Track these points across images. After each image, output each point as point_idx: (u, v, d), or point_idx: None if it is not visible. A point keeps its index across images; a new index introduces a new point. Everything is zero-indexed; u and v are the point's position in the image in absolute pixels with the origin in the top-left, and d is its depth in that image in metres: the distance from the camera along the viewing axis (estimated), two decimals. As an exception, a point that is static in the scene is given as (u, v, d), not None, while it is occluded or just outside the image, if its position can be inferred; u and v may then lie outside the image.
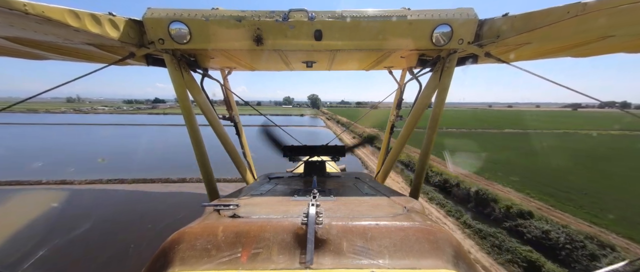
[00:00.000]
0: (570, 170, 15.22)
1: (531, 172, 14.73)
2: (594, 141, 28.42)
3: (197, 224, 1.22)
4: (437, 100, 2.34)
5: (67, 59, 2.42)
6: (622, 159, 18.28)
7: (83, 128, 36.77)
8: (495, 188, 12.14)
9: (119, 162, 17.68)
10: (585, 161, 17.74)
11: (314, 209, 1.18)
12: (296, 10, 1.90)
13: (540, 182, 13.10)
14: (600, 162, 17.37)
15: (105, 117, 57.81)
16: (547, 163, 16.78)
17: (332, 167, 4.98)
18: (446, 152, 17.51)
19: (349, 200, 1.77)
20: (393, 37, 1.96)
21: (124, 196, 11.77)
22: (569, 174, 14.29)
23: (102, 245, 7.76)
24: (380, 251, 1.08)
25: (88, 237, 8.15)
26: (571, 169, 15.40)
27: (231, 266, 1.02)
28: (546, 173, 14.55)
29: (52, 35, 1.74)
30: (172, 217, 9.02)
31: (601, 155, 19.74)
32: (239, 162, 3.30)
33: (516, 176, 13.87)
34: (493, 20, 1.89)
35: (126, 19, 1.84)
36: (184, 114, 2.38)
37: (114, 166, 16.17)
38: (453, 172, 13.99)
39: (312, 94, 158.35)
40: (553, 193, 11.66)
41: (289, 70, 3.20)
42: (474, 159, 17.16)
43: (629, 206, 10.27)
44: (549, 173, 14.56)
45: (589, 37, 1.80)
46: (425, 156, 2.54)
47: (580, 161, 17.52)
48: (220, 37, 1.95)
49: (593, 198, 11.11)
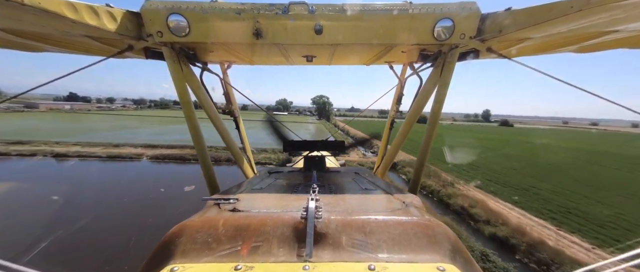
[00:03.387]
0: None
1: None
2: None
3: (197, 218, 1.23)
4: (437, 95, 2.33)
5: (64, 51, 2.39)
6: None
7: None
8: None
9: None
10: None
11: (313, 204, 1.19)
12: (296, 4, 1.87)
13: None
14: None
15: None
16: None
17: (332, 162, 4.99)
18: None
19: (348, 195, 1.78)
20: (394, 31, 1.94)
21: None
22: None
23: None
24: (379, 245, 1.09)
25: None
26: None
27: (231, 259, 1.03)
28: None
29: (48, 27, 1.71)
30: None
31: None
32: (239, 156, 3.31)
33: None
34: (495, 14, 1.87)
35: (124, 11, 1.81)
36: (183, 108, 2.37)
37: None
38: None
39: (319, 97, 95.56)
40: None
41: (288, 64, 3.17)
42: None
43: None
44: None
45: (593, 32, 1.78)
46: (425, 151, 2.54)
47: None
48: (219, 31, 1.93)
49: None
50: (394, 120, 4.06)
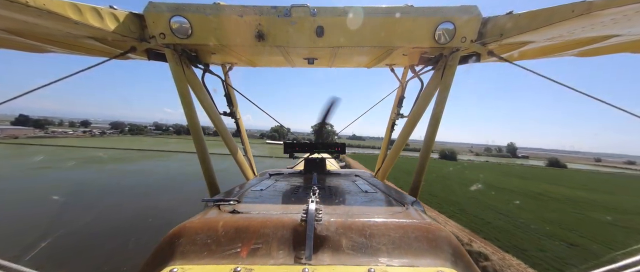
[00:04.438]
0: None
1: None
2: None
3: (197, 219, 1.23)
4: (438, 98, 2.33)
5: (67, 52, 2.41)
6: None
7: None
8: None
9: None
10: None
11: (313, 206, 1.19)
12: (298, 6, 1.88)
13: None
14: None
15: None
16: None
17: (332, 164, 4.99)
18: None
19: (349, 197, 1.78)
20: (395, 34, 1.94)
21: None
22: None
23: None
24: (379, 248, 1.08)
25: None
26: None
27: (231, 261, 1.02)
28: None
29: (52, 28, 1.73)
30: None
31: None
32: (240, 158, 3.31)
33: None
34: (497, 18, 1.87)
35: (127, 13, 1.83)
36: (185, 109, 2.38)
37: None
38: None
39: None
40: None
41: (290, 66, 3.18)
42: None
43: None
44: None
45: (594, 36, 1.79)
46: (425, 154, 2.54)
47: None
48: (221, 32, 1.94)
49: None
50: (395, 123, 4.06)
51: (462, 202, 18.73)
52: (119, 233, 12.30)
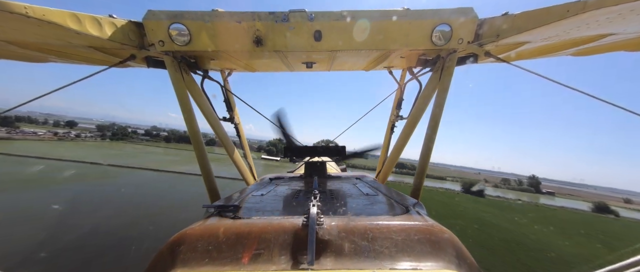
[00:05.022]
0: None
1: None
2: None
3: (198, 226, 1.22)
4: (437, 99, 2.34)
5: (67, 62, 2.42)
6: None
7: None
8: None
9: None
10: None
11: (315, 210, 1.18)
12: (296, 11, 1.90)
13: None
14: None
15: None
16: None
17: (333, 168, 4.97)
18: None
19: (350, 200, 1.77)
20: (393, 37, 1.96)
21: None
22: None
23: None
24: (382, 251, 1.07)
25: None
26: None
27: (232, 267, 1.01)
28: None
29: (52, 38, 1.74)
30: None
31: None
32: (240, 163, 3.30)
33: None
34: (493, 19, 1.89)
35: (126, 21, 1.84)
36: (184, 116, 2.38)
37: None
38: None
39: (325, 141, 7.05)
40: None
41: (289, 71, 3.20)
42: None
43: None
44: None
45: (590, 35, 1.80)
46: (425, 156, 2.54)
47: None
48: (220, 39, 1.96)
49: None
50: (394, 125, 4.07)
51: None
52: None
